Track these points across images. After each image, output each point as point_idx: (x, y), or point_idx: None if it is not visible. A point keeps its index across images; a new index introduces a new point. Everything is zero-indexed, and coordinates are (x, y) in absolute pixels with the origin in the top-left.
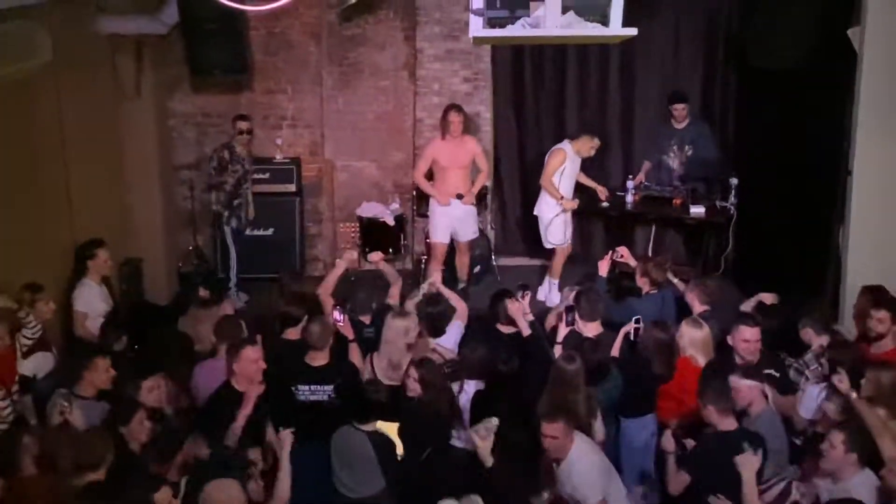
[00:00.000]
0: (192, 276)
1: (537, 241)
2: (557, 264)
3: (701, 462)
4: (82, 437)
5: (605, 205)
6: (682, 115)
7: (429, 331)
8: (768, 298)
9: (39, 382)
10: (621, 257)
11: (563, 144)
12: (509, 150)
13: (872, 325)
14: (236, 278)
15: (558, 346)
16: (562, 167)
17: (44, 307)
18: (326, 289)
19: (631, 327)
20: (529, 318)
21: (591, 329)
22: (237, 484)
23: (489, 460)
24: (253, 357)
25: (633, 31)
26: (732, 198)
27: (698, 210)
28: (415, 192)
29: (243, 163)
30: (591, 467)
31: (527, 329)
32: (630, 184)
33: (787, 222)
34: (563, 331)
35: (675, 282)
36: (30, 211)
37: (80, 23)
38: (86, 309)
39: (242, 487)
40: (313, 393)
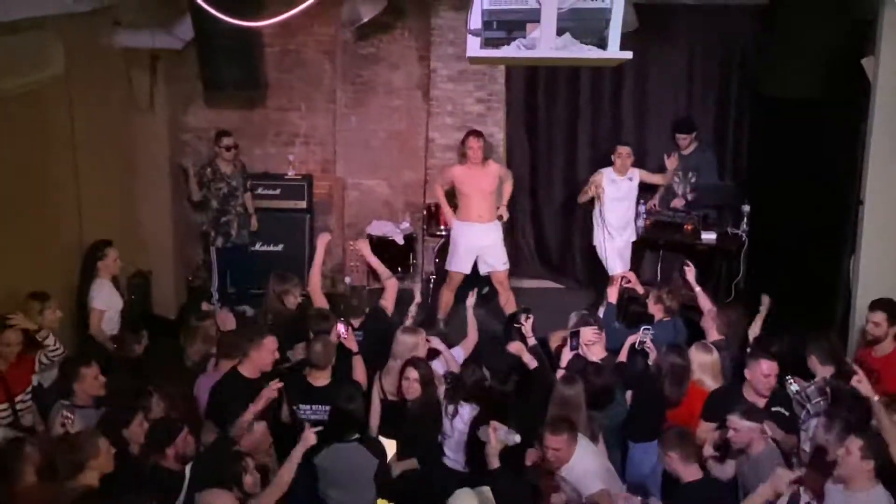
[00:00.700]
0: (199, 289)
1: (548, 262)
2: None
3: None
4: (69, 441)
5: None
6: (684, 144)
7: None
8: (765, 301)
9: (46, 391)
10: (628, 283)
11: (604, 169)
12: (522, 171)
13: (869, 329)
14: (218, 294)
15: (561, 371)
16: (597, 192)
17: (51, 315)
18: (315, 280)
19: (638, 337)
20: (532, 341)
21: (595, 352)
22: (231, 496)
23: (495, 462)
24: (271, 347)
25: (628, 54)
26: (744, 225)
27: (710, 236)
28: (425, 212)
29: (229, 180)
30: (591, 466)
31: (532, 363)
32: (642, 208)
33: (799, 250)
34: (567, 355)
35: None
36: (39, 221)
37: (96, 35)
38: (104, 306)
39: (239, 487)
40: (314, 412)
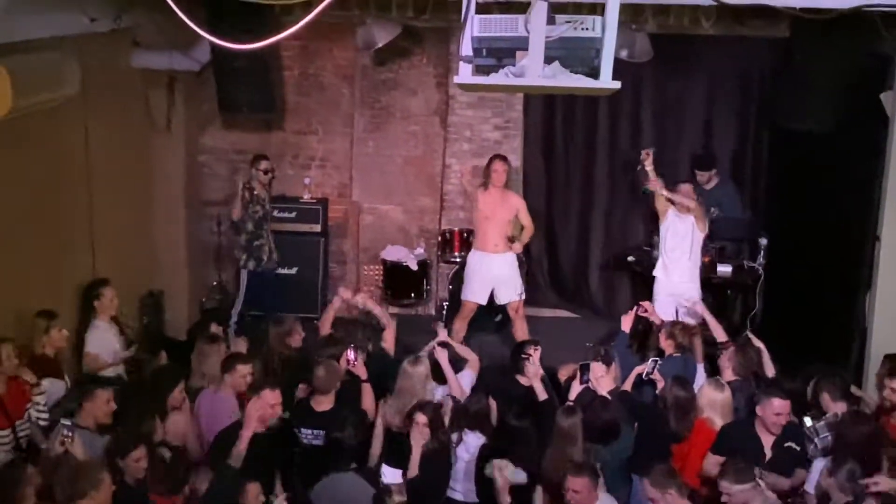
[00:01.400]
0: (212, 311)
1: (564, 292)
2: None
3: None
4: (73, 467)
5: (631, 259)
6: (703, 179)
7: (437, 378)
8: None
9: (49, 410)
10: (645, 312)
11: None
12: (538, 199)
13: (887, 395)
14: (237, 317)
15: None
16: (666, 222)
17: (57, 334)
18: (325, 326)
19: (645, 368)
20: (540, 373)
21: (604, 385)
22: None
23: (506, 500)
24: (271, 401)
25: (616, 84)
26: (761, 258)
27: (725, 269)
28: (440, 238)
29: (263, 203)
30: None
31: (543, 394)
32: (658, 239)
33: (815, 285)
34: (576, 388)
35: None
36: (53, 240)
37: (115, 56)
38: (96, 350)
39: None
40: (316, 437)
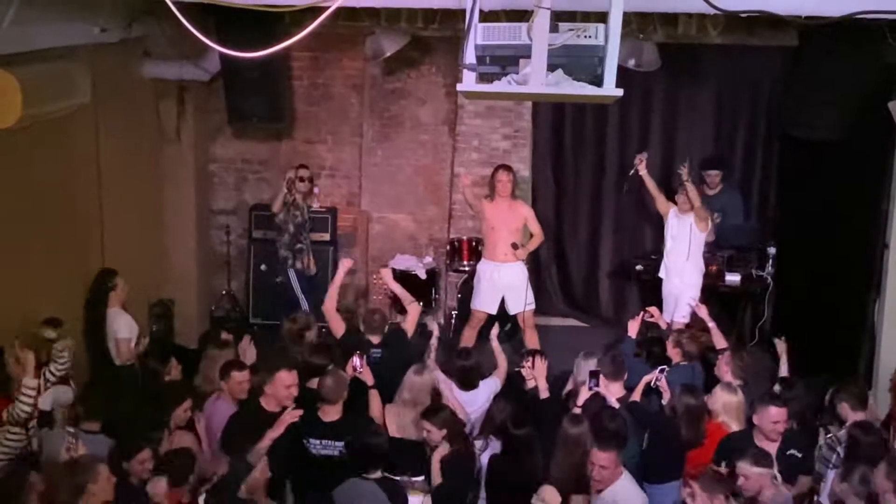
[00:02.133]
0: (222, 319)
1: (573, 301)
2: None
3: None
4: (66, 465)
5: (640, 268)
6: (714, 181)
7: (459, 383)
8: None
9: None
10: (651, 317)
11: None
12: (547, 208)
13: None
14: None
15: (577, 410)
16: (667, 224)
17: (62, 343)
18: (331, 303)
19: (653, 377)
20: (531, 383)
21: (614, 390)
22: None
23: None
24: (287, 382)
25: (619, 92)
26: (770, 267)
27: (734, 278)
28: (449, 247)
29: (303, 211)
30: (635, 499)
31: (545, 391)
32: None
33: (824, 293)
34: (584, 394)
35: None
36: (63, 248)
37: (125, 66)
38: (129, 334)
39: None
40: (325, 447)
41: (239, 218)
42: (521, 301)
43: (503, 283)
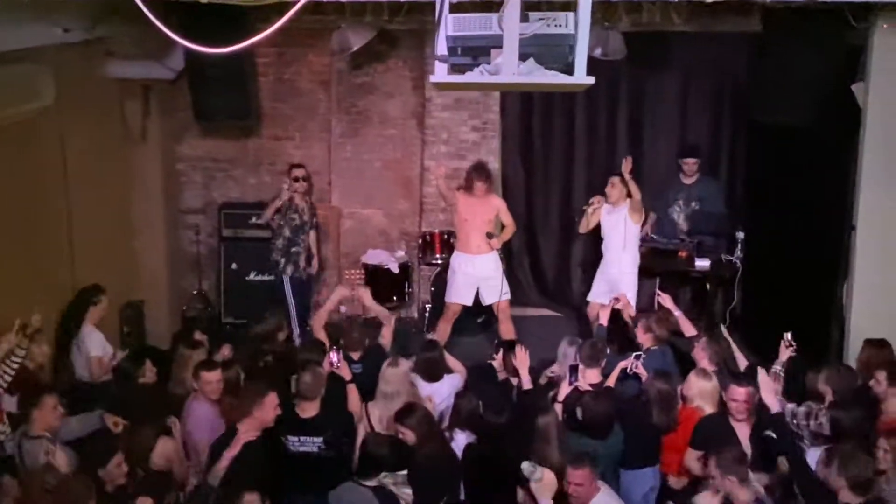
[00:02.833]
0: (195, 320)
1: (546, 291)
2: (601, 312)
3: None
4: (59, 486)
5: None
6: (692, 169)
7: (423, 375)
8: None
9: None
10: (619, 303)
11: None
12: (517, 198)
13: (873, 385)
14: (299, 329)
15: (559, 405)
16: (602, 221)
17: (36, 350)
18: (319, 322)
19: (628, 363)
20: (502, 375)
21: (591, 376)
22: None
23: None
24: (275, 402)
25: (590, 79)
26: (739, 251)
27: (704, 263)
28: (420, 241)
29: (301, 213)
30: None
31: (528, 383)
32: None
33: (792, 276)
34: (564, 389)
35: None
36: (31, 252)
37: (89, 67)
38: (102, 352)
39: None
40: (302, 444)
41: (208, 217)
42: (496, 291)
43: (478, 275)
